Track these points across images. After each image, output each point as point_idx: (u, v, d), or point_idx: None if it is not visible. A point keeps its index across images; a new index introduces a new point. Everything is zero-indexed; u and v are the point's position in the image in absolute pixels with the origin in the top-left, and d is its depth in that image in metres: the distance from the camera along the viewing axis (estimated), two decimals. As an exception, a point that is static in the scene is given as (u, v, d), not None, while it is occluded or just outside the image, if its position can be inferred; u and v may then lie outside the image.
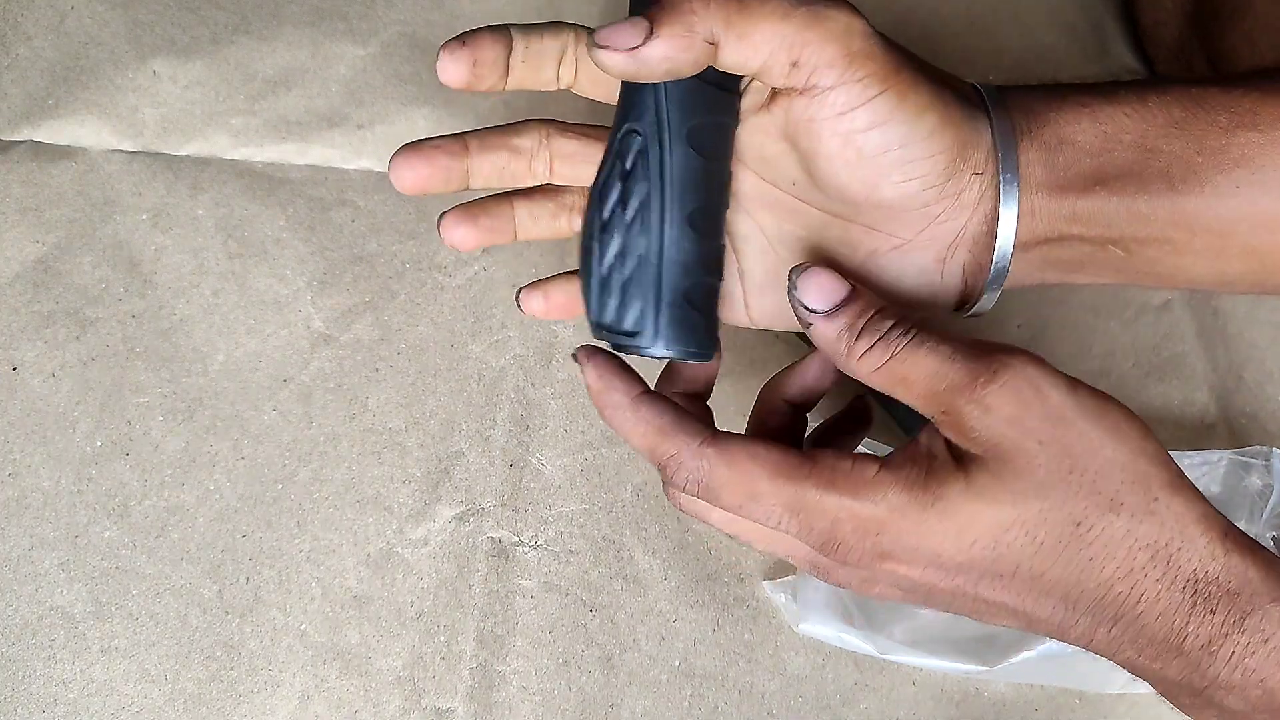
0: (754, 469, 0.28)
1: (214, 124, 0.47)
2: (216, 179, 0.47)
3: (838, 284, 0.30)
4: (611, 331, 0.32)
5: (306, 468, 0.42)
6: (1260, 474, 0.42)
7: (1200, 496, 0.28)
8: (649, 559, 0.42)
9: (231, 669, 0.39)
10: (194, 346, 0.44)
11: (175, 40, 0.48)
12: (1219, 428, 0.47)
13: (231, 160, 0.47)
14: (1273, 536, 0.41)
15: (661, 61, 0.28)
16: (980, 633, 0.40)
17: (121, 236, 0.45)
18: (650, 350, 0.31)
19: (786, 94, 0.30)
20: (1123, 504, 0.27)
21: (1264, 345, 0.49)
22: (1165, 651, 0.27)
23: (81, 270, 0.44)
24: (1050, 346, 0.48)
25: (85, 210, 0.45)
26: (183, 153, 0.47)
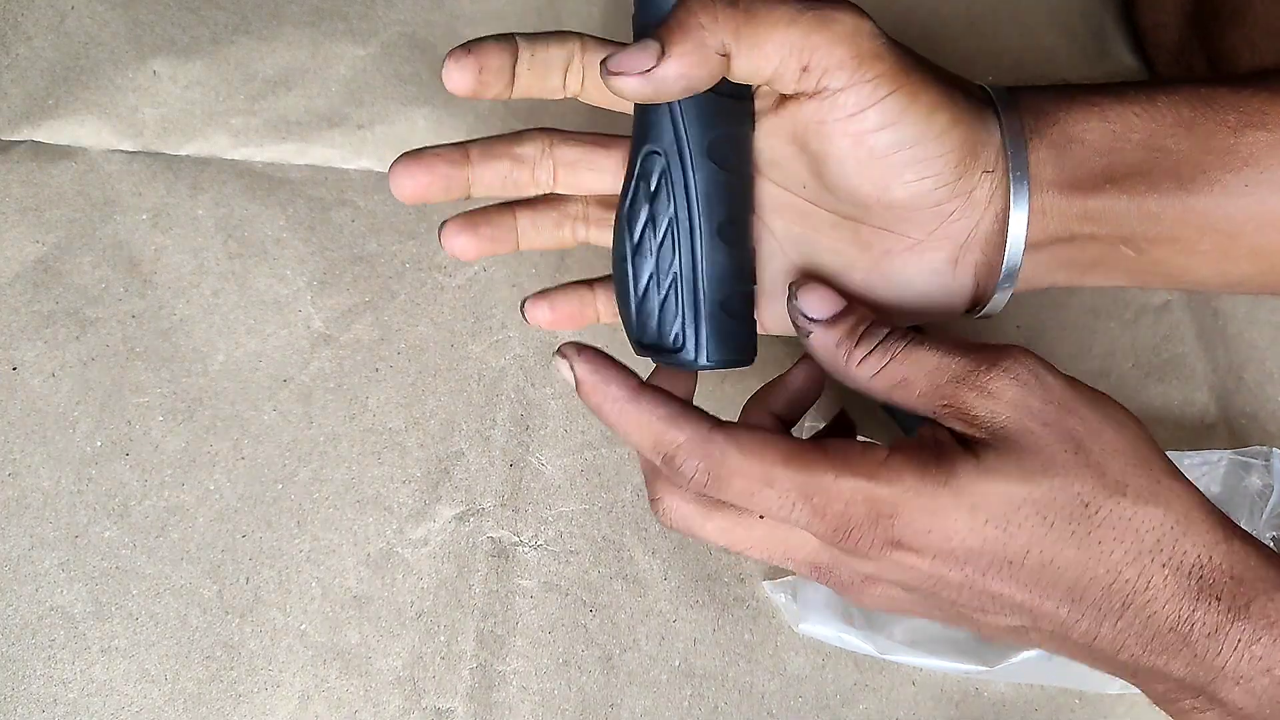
0: (767, 454, 0.28)
1: (214, 124, 0.47)
2: (216, 179, 0.47)
3: (836, 296, 0.31)
4: (655, 349, 0.32)
5: (306, 468, 0.42)
6: (1260, 474, 0.42)
7: (1196, 488, 0.28)
8: (649, 559, 0.42)
9: (231, 669, 0.39)
10: (194, 346, 0.44)
11: (175, 40, 0.49)
12: (1219, 428, 0.47)
13: (231, 160, 0.47)
14: (1273, 536, 0.41)
15: (677, 80, 0.28)
16: (980, 633, 0.40)
17: (121, 236, 0.45)
18: (696, 363, 0.32)
19: (796, 98, 0.30)
20: (1128, 486, 0.27)
21: (1264, 346, 0.49)
22: (1171, 644, 0.27)
23: (81, 270, 0.44)
24: (1050, 347, 0.48)
25: (85, 210, 0.45)
26: (183, 153, 0.47)
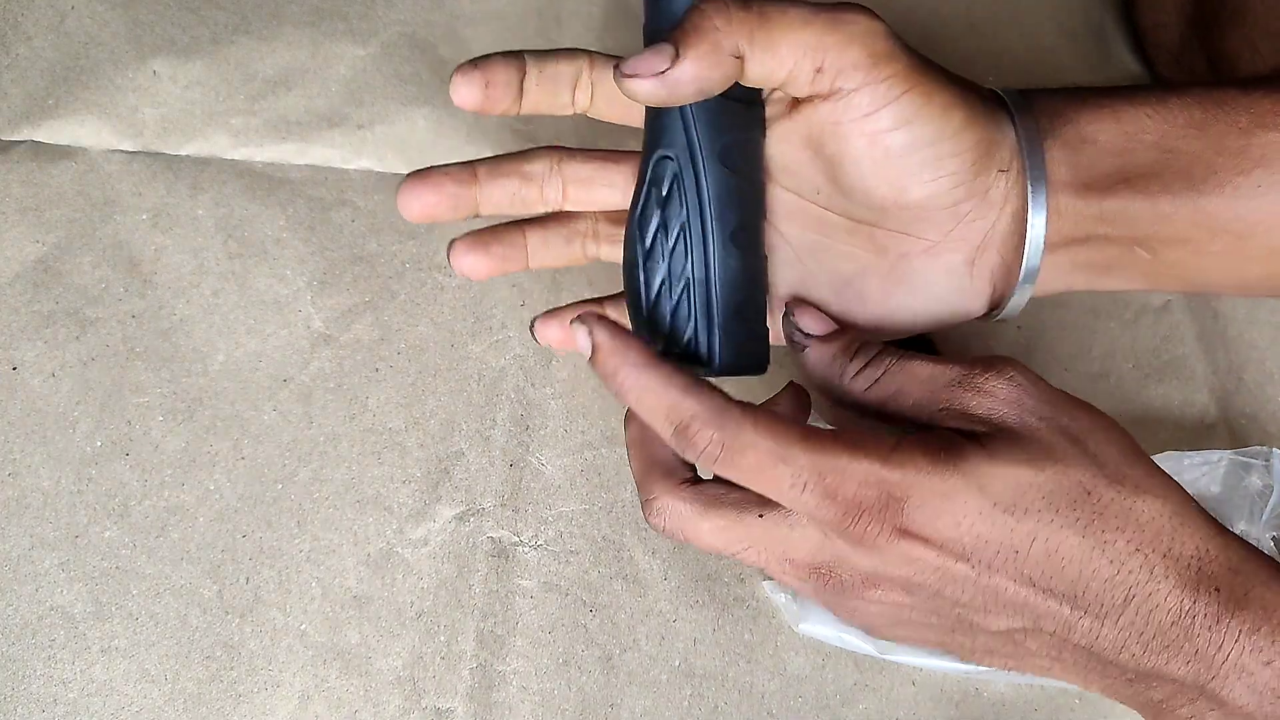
0: (782, 432, 0.28)
1: (214, 124, 0.47)
2: (216, 179, 0.47)
3: (830, 320, 0.33)
4: (667, 355, 0.32)
5: (306, 468, 0.42)
6: (1260, 474, 0.42)
7: (1183, 487, 0.29)
8: (649, 559, 0.42)
9: (231, 669, 0.39)
10: (194, 346, 0.44)
11: (175, 40, 0.49)
12: (1219, 428, 0.47)
13: (231, 160, 0.47)
14: (1273, 537, 0.41)
15: (692, 82, 0.28)
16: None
17: (121, 236, 0.45)
18: (709, 369, 0.32)
19: (810, 100, 0.30)
20: (1125, 477, 0.28)
21: (1264, 346, 0.49)
22: (1174, 640, 0.27)
23: (81, 270, 0.44)
24: (1050, 348, 0.48)
25: (85, 210, 0.45)
26: (183, 153, 0.47)
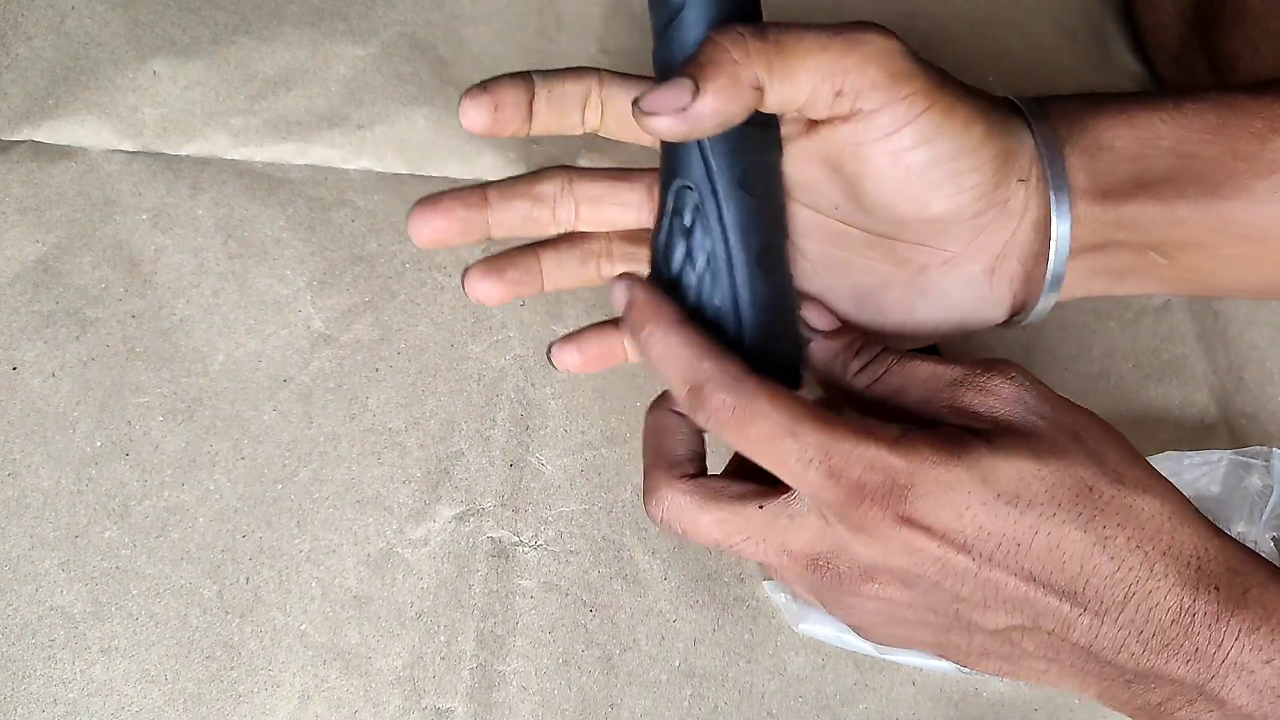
0: (794, 408, 0.28)
1: (214, 124, 0.47)
2: (216, 179, 0.47)
3: (835, 317, 0.33)
4: None
5: (306, 468, 0.42)
6: (1260, 474, 0.42)
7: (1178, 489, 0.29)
8: (649, 559, 0.42)
9: (231, 669, 0.39)
10: (194, 346, 0.44)
11: (175, 40, 0.49)
12: (1219, 428, 0.47)
13: (231, 160, 0.47)
14: (1273, 537, 0.41)
15: (713, 116, 0.28)
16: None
17: (121, 236, 0.45)
18: None
19: (830, 121, 0.30)
20: (1124, 476, 0.28)
21: (1264, 346, 0.49)
22: (1173, 638, 0.27)
23: (81, 270, 0.44)
24: (1050, 347, 0.48)
25: (85, 210, 0.45)
26: (183, 153, 0.47)
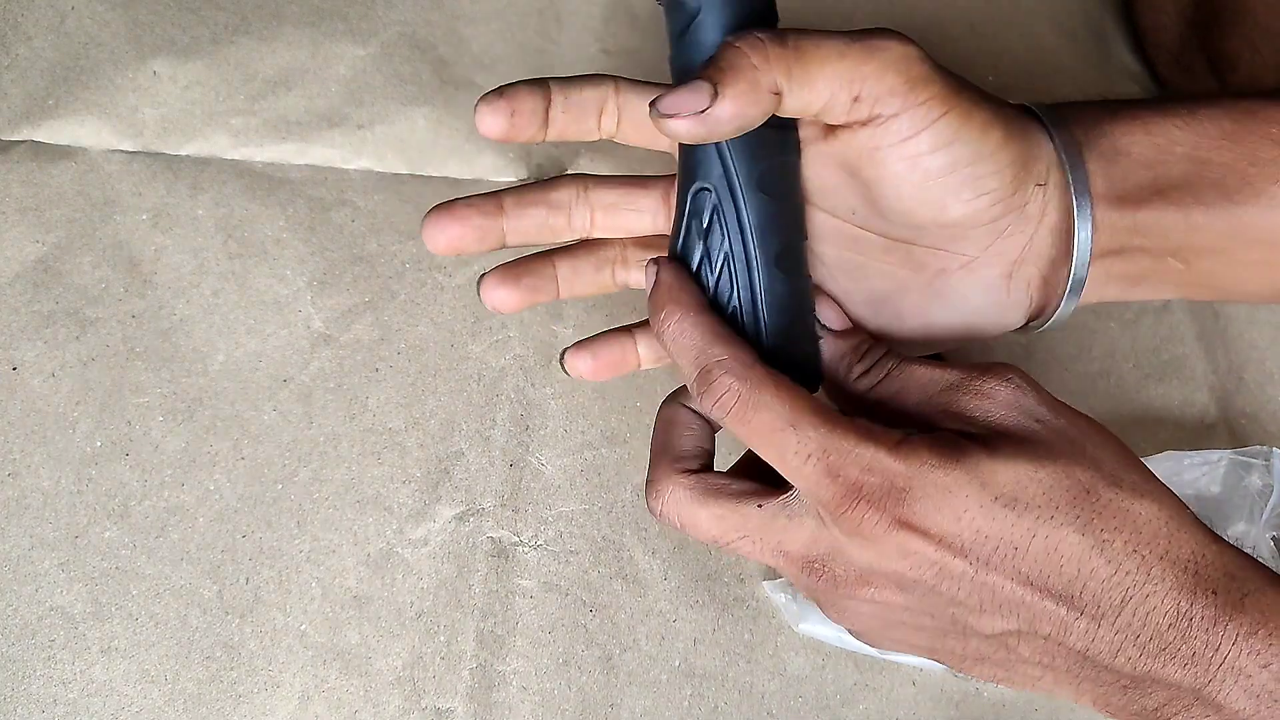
0: (799, 401, 0.28)
1: (214, 124, 0.47)
2: (216, 179, 0.47)
3: (847, 317, 0.34)
4: None
5: (306, 468, 0.42)
6: (1260, 474, 0.42)
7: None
8: (649, 559, 0.42)
9: (231, 669, 0.39)
10: (194, 346, 0.44)
11: (175, 40, 0.49)
12: (1219, 428, 0.47)
13: (231, 160, 0.47)
14: (1273, 537, 0.41)
15: (732, 120, 0.28)
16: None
17: (121, 236, 0.45)
18: None
19: (848, 126, 0.31)
20: (1122, 480, 0.28)
21: (1264, 346, 0.49)
22: (1170, 642, 0.27)
23: (81, 270, 0.44)
24: (1050, 348, 0.48)
25: (85, 210, 0.45)
26: (183, 153, 0.47)
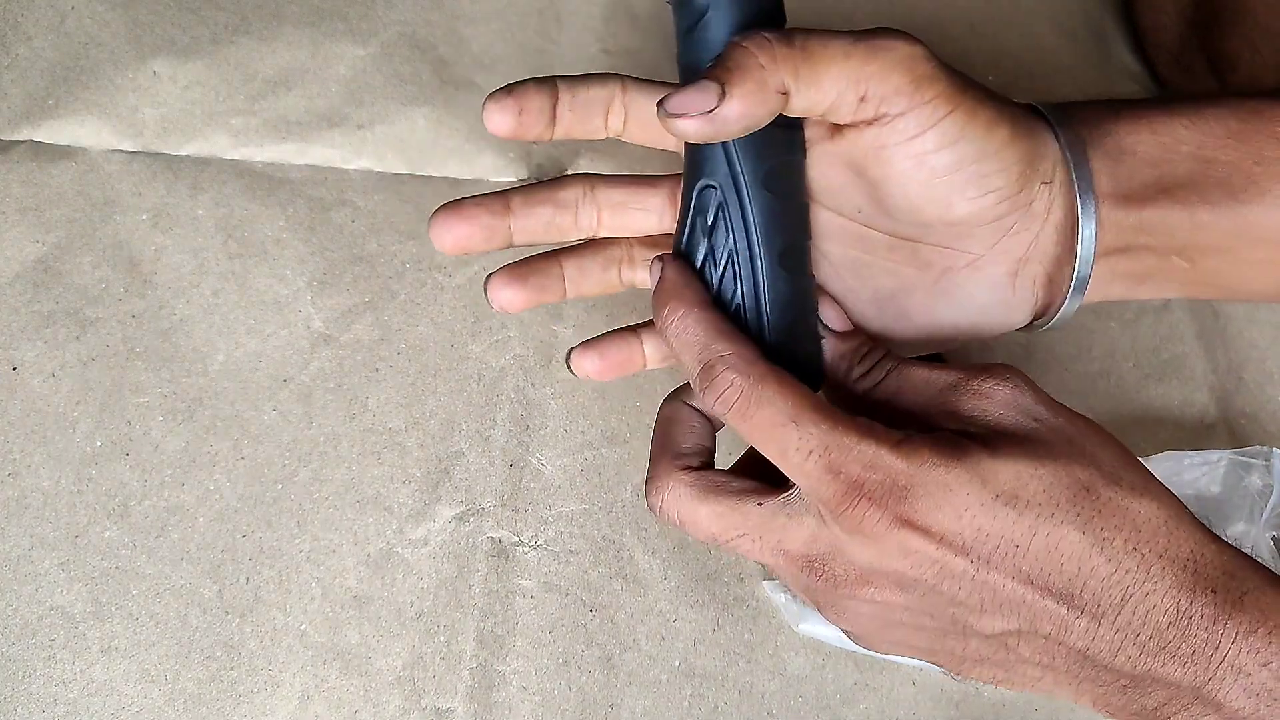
0: (801, 398, 0.28)
1: (214, 124, 0.47)
2: (216, 179, 0.47)
3: (849, 319, 0.34)
4: None
5: (306, 468, 0.42)
6: (1260, 474, 0.42)
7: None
8: (649, 559, 0.42)
9: (231, 669, 0.39)
10: (194, 346, 0.44)
11: (175, 40, 0.49)
12: (1219, 428, 0.47)
13: (231, 160, 0.47)
14: (1273, 537, 0.41)
15: (739, 119, 0.28)
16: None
17: (121, 236, 0.45)
18: None
19: (854, 125, 0.31)
20: (1121, 479, 0.28)
21: (1264, 346, 0.49)
22: (1170, 640, 0.27)
23: (81, 270, 0.44)
24: (1050, 347, 0.48)
25: (85, 210, 0.45)
26: (183, 153, 0.47)
